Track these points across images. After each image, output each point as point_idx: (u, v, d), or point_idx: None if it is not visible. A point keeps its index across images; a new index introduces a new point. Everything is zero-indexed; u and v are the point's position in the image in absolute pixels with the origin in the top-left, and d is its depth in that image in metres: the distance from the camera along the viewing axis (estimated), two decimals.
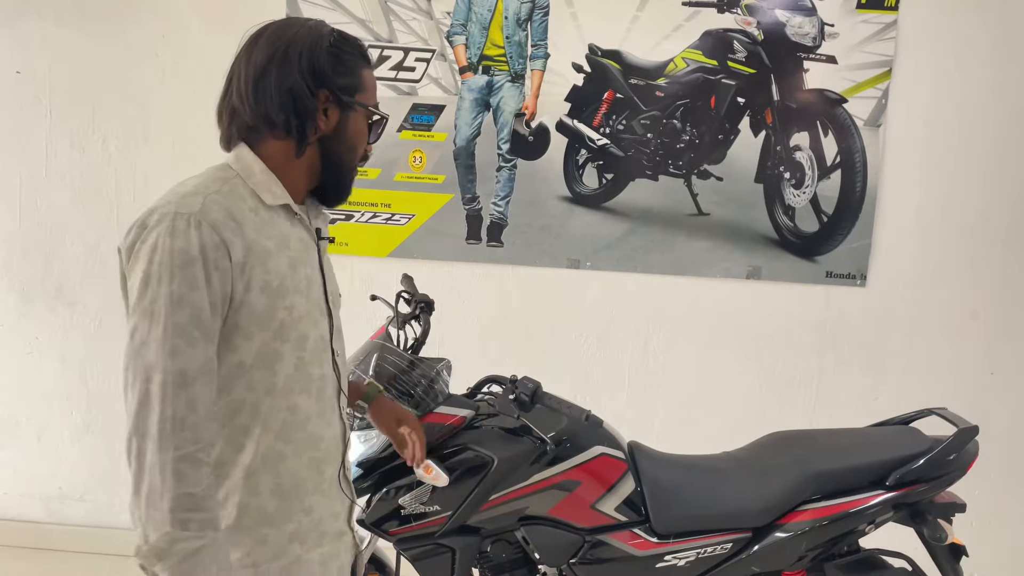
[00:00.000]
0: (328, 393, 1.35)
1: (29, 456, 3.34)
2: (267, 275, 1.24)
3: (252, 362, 1.24)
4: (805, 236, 3.05)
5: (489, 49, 3.04)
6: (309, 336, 1.30)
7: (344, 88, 1.31)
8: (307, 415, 1.30)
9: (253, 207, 1.26)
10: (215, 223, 1.19)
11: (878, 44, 2.97)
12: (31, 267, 3.24)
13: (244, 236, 1.22)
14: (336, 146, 1.34)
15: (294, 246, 1.30)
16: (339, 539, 1.38)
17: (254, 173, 1.29)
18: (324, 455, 1.33)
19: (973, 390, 3.07)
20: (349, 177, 1.39)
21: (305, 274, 1.31)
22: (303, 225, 1.35)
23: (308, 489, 1.31)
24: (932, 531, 1.99)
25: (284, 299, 1.26)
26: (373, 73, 1.38)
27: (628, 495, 2.02)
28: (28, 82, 3.17)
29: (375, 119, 1.38)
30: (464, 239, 3.13)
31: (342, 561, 1.39)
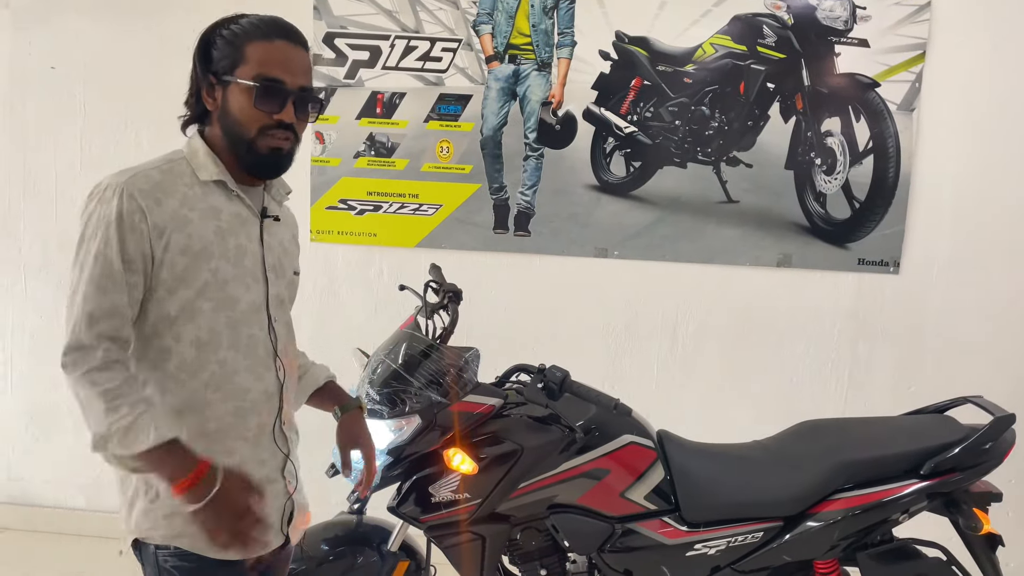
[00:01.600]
0: (260, 353, 1.49)
1: (68, 445, 3.40)
2: (188, 240, 1.40)
3: (176, 315, 1.41)
4: (837, 223, 3.01)
5: (515, 38, 3.03)
6: (240, 299, 1.46)
7: (224, 67, 1.43)
8: (235, 368, 1.45)
9: (188, 183, 1.44)
10: (136, 192, 1.37)
11: (911, 27, 2.91)
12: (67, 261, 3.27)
13: (166, 205, 1.39)
14: (226, 122, 1.45)
15: (225, 218, 1.46)
16: (267, 484, 1.49)
17: (197, 154, 1.47)
18: (250, 406, 1.47)
19: (1009, 378, 3.01)
20: (256, 148, 1.44)
21: (236, 243, 1.46)
22: (243, 202, 1.49)
23: (231, 435, 1.45)
24: (967, 521, 1.97)
25: (208, 262, 1.42)
26: (275, 45, 1.43)
27: (658, 484, 2.01)
28: (63, 77, 3.22)
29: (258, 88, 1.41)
30: (491, 229, 3.13)
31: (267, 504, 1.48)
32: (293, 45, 1.46)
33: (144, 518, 1.44)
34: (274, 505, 1.52)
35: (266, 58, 1.42)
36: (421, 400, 1.94)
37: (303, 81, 1.46)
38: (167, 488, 1.35)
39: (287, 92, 1.43)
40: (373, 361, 2.04)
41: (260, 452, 1.50)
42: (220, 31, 1.46)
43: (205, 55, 1.46)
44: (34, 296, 3.35)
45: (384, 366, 2.00)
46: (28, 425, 3.43)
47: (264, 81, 1.41)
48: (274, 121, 1.43)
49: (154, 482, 1.40)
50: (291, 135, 1.46)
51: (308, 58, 1.49)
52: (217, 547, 1.36)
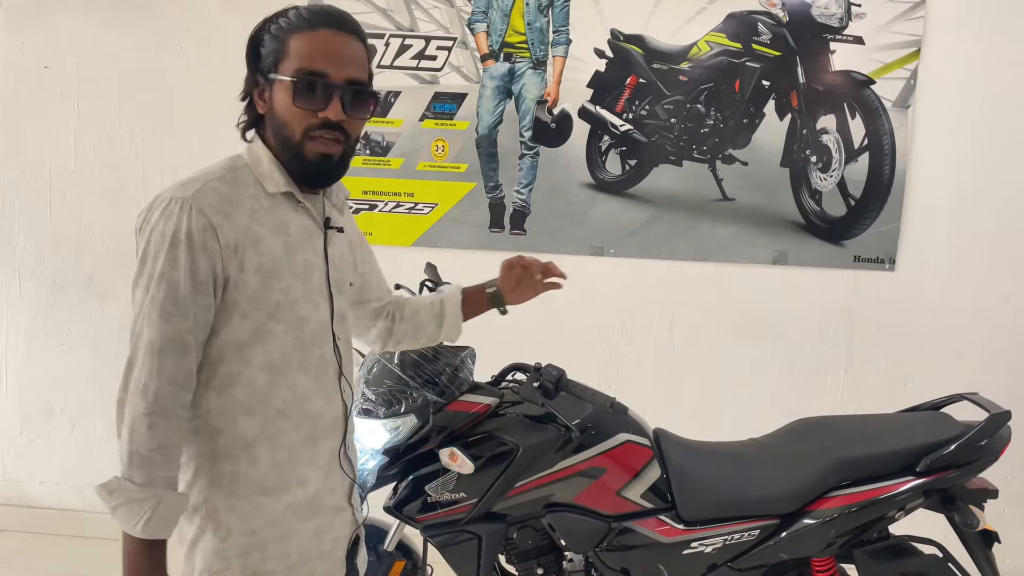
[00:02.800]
0: (329, 374, 1.39)
1: (64, 446, 3.40)
2: (260, 257, 1.29)
3: (247, 339, 1.30)
4: (832, 220, 3.01)
5: (510, 36, 3.03)
6: (309, 319, 1.36)
7: (269, 64, 1.32)
8: (306, 393, 1.36)
9: (254, 194, 1.32)
10: (205, 207, 1.26)
11: (906, 24, 2.91)
12: (62, 259, 3.30)
13: (236, 220, 1.28)
14: (274, 125, 1.34)
15: (293, 232, 1.35)
16: (335, 514, 1.43)
17: (261, 163, 1.35)
18: (321, 432, 1.38)
19: (1005, 375, 3.02)
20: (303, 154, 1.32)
21: (304, 259, 1.35)
22: (309, 214, 1.38)
23: (304, 463, 1.36)
24: (964, 517, 1.96)
25: (279, 281, 1.31)
26: (318, 33, 1.29)
27: (654, 482, 2.01)
28: (56, 77, 3.21)
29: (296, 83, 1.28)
30: (487, 227, 3.13)
31: (337, 534, 1.44)
32: (341, 33, 1.31)
33: (216, 558, 1.32)
34: (341, 536, 1.45)
35: (308, 49, 1.28)
36: (417, 399, 1.94)
37: (353, 73, 1.30)
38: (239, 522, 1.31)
39: (331, 86, 1.28)
40: (369, 360, 2.03)
41: (331, 480, 1.41)
42: (268, 27, 1.33)
43: (254, 54, 1.34)
44: (28, 296, 3.34)
45: (380, 365, 1.99)
46: (23, 426, 3.42)
47: (304, 75, 1.28)
48: (319, 120, 1.29)
49: (224, 518, 1.32)
50: (340, 136, 1.32)
51: (362, 48, 1.34)
52: None
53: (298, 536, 1.37)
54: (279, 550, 1.35)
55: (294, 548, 1.36)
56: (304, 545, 1.37)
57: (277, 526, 1.34)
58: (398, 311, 1.76)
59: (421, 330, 1.77)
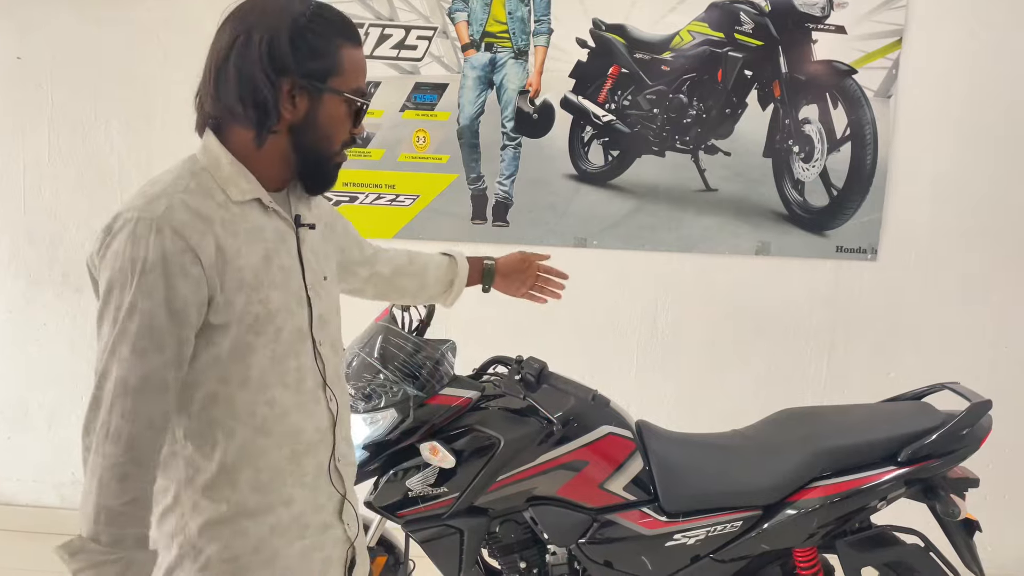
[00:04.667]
0: (308, 385, 1.30)
1: (40, 442, 3.36)
2: (240, 272, 1.20)
3: (226, 356, 1.21)
4: (815, 210, 3.01)
5: (491, 25, 3.00)
6: (284, 328, 1.26)
7: (314, 73, 1.21)
8: (285, 408, 1.27)
9: (222, 202, 1.21)
10: (179, 227, 1.15)
11: (888, 13, 2.91)
12: (37, 254, 3.25)
13: (214, 235, 1.18)
14: (309, 135, 1.25)
15: (269, 237, 1.26)
16: (324, 532, 1.35)
17: (221, 166, 1.23)
18: (305, 448, 1.30)
19: (986, 364, 3.03)
20: (328, 165, 1.30)
21: (280, 266, 1.26)
22: (279, 215, 1.29)
23: (288, 482, 1.29)
24: (945, 506, 1.97)
25: (259, 292, 1.22)
26: (360, 51, 1.27)
27: (636, 474, 2.01)
28: (30, 68, 3.15)
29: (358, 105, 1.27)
30: (469, 219, 3.10)
31: (327, 554, 1.36)
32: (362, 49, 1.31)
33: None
34: (334, 556, 1.37)
35: (359, 68, 1.26)
36: (397, 393, 1.92)
37: None
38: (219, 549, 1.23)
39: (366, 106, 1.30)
40: (348, 354, 2.01)
41: (318, 496, 1.34)
42: (313, 24, 1.21)
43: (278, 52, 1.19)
44: (3, 291, 3.29)
45: (359, 359, 1.97)
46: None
47: (363, 96, 1.27)
48: (351, 136, 1.30)
49: (203, 545, 1.24)
50: None
51: None
52: None
53: (284, 559, 1.29)
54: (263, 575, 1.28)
55: (279, 572, 1.29)
56: (291, 568, 1.30)
57: (261, 551, 1.27)
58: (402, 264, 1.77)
59: (424, 289, 1.80)
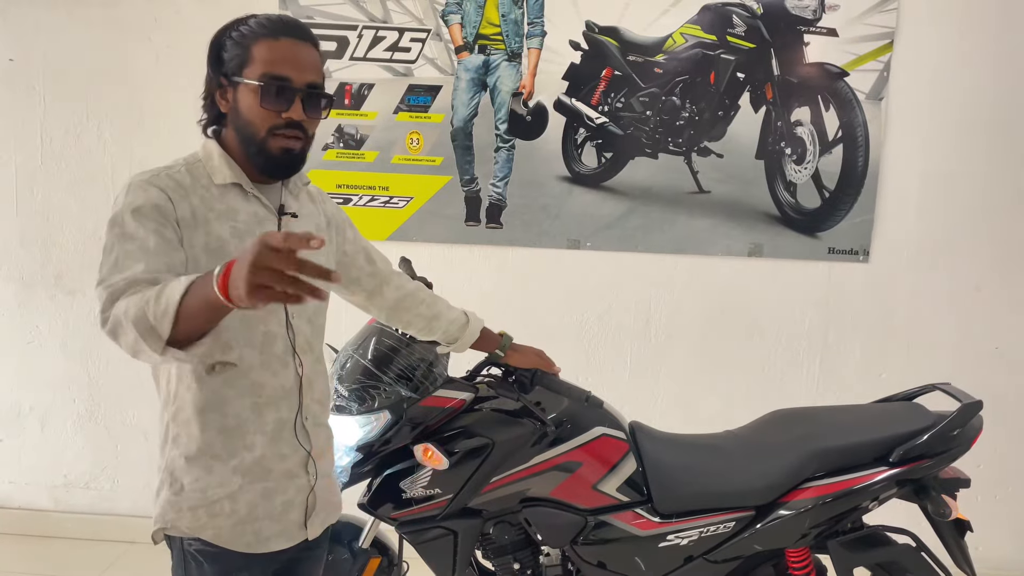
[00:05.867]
0: (276, 349, 1.49)
1: (34, 445, 3.34)
2: (207, 237, 1.41)
3: None
4: (807, 212, 3.03)
5: (485, 28, 3.00)
6: None
7: (233, 68, 1.44)
8: (250, 365, 1.46)
9: (206, 184, 1.46)
10: (162, 186, 1.40)
11: (879, 16, 2.92)
12: (29, 256, 3.24)
13: (189, 202, 1.41)
14: (238, 123, 1.46)
15: (242, 219, 1.46)
16: (288, 479, 1.52)
17: (212, 157, 1.48)
18: (266, 401, 1.48)
19: (977, 365, 3.05)
20: (264, 148, 1.44)
21: None
22: (260, 202, 1.50)
23: (249, 430, 1.47)
24: (936, 507, 1.98)
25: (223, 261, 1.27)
26: (280, 42, 1.43)
27: (630, 475, 2.01)
28: (21, 70, 3.14)
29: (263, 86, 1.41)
30: (463, 221, 3.11)
31: (289, 498, 1.53)
32: (300, 42, 1.45)
33: (169, 508, 1.48)
34: (296, 501, 1.55)
35: (272, 56, 1.42)
36: (391, 395, 1.92)
37: (311, 78, 1.45)
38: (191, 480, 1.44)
39: (294, 89, 1.43)
40: (342, 356, 2.01)
41: (281, 447, 1.51)
42: (230, 33, 1.46)
43: (216, 58, 1.47)
44: None
45: (353, 361, 1.97)
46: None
47: (270, 79, 1.41)
48: (283, 120, 1.43)
49: (179, 475, 1.46)
50: (301, 134, 1.46)
51: (317, 55, 1.48)
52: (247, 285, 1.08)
53: (246, 496, 1.48)
54: (226, 508, 1.47)
55: (242, 507, 1.48)
56: (251, 505, 1.48)
57: (225, 486, 1.47)
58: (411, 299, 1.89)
59: (429, 334, 1.93)
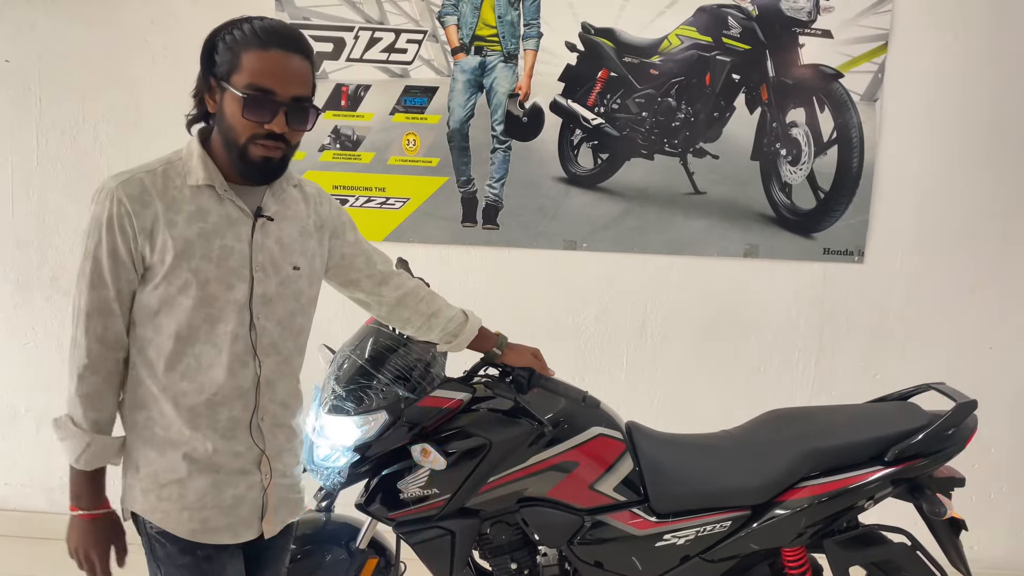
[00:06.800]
0: (237, 348, 1.53)
1: (29, 447, 3.34)
2: (172, 240, 1.46)
3: (157, 308, 1.49)
4: (802, 213, 3.04)
5: (481, 29, 3.01)
6: (219, 297, 1.50)
7: (222, 72, 1.45)
8: (209, 363, 1.52)
9: (179, 185, 1.49)
10: (125, 196, 1.45)
11: (874, 17, 2.94)
12: (25, 257, 3.23)
13: (153, 207, 1.46)
14: (221, 126, 1.48)
15: (212, 220, 1.49)
16: (239, 476, 1.57)
17: (192, 156, 1.51)
18: (221, 399, 1.53)
19: (972, 364, 3.07)
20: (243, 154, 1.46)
21: (221, 244, 1.50)
22: (235, 204, 1.52)
23: (203, 425, 1.53)
24: (931, 506, 1.99)
25: (190, 262, 1.47)
26: (270, 54, 1.43)
27: (627, 475, 2.01)
28: (17, 71, 3.14)
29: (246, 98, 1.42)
30: (460, 222, 3.11)
31: (240, 493, 1.58)
32: (290, 53, 1.44)
33: (128, 491, 1.57)
34: (248, 497, 1.59)
35: (259, 67, 1.42)
36: (388, 396, 1.92)
37: (297, 91, 1.45)
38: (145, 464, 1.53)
39: (277, 103, 1.43)
40: (339, 357, 2.01)
41: (234, 445, 1.55)
42: (224, 35, 1.46)
43: (208, 58, 1.47)
44: None
45: (350, 362, 1.97)
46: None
47: (254, 91, 1.41)
48: (264, 131, 1.44)
49: (135, 457, 1.55)
50: (282, 144, 1.47)
51: (307, 66, 1.48)
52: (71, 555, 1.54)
53: (194, 483, 1.53)
54: (174, 492, 1.53)
55: (190, 494, 1.53)
56: (200, 493, 1.54)
57: (174, 471, 1.53)
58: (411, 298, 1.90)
59: (428, 332, 1.93)
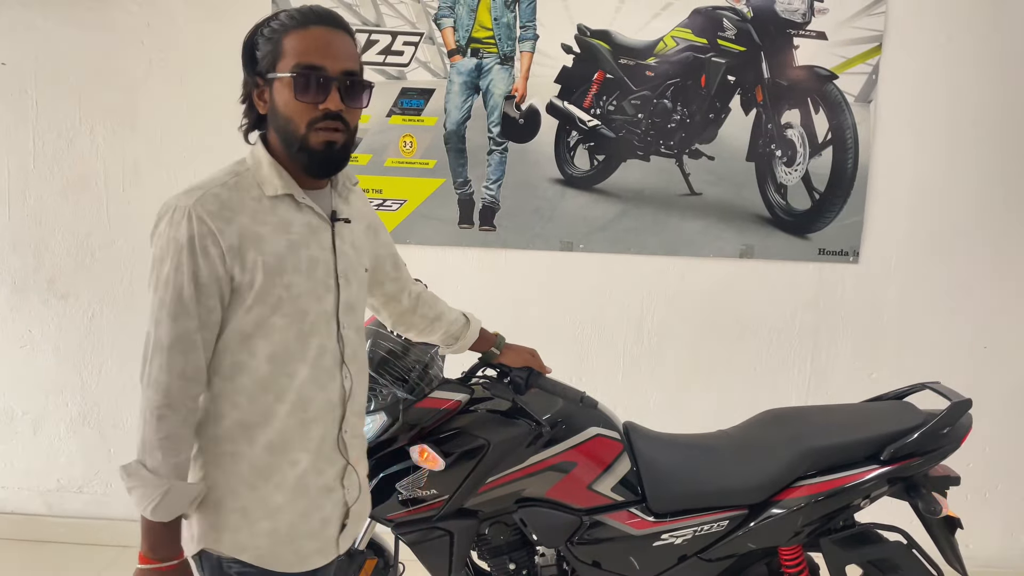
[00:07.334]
0: (326, 362, 1.45)
1: (26, 449, 3.33)
2: (262, 256, 1.37)
3: (251, 331, 1.39)
4: (797, 214, 3.05)
5: (477, 31, 3.02)
6: (310, 311, 1.42)
7: (266, 65, 1.39)
8: (302, 381, 1.43)
9: (256, 196, 1.40)
10: (205, 214, 1.34)
11: (868, 19, 2.95)
12: (22, 260, 3.23)
13: (237, 223, 1.36)
14: (277, 123, 1.40)
15: (296, 230, 1.42)
16: (325, 495, 1.49)
17: (261, 166, 1.42)
18: (312, 416, 1.45)
19: (967, 364, 3.08)
20: (306, 145, 1.38)
21: (308, 255, 1.42)
22: (312, 211, 1.45)
23: (295, 446, 1.44)
24: (927, 504, 2.00)
25: (282, 277, 1.39)
26: (310, 31, 1.37)
27: (624, 475, 2.02)
28: (14, 74, 3.14)
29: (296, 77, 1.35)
30: (456, 223, 3.12)
31: (326, 515, 1.49)
32: (332, 30, 1.39)
33: (209, 530, 1.43)
34: (333, 516, 1.51)
35: (303, 46, 1.36)
36: (386, 397, 1.93)
37: (347, 65, 1.38)
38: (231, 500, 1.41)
39: (329, 79, 1.36)
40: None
41: (320, 462, 1.47)
42: (261, 30, 1.41)
43: (250, 57, 1.41)
44: None
45: None
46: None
47: (304, 70, 1.35)
48: (320, 112, 1.36)
49: (219, 495, 1.42)
50: (341, 125, 1.39)
51: (352, 42, 1.42)
52: None
53: (286, 515, 1.44)
54: (267, 527, 1.43)
55: (282, 526, 1.44)
56: (291, 524, 1.45)
57: (265, 505, 1.43)
58: (421, 304, 1.87)
59: (430, 335, 1.91)
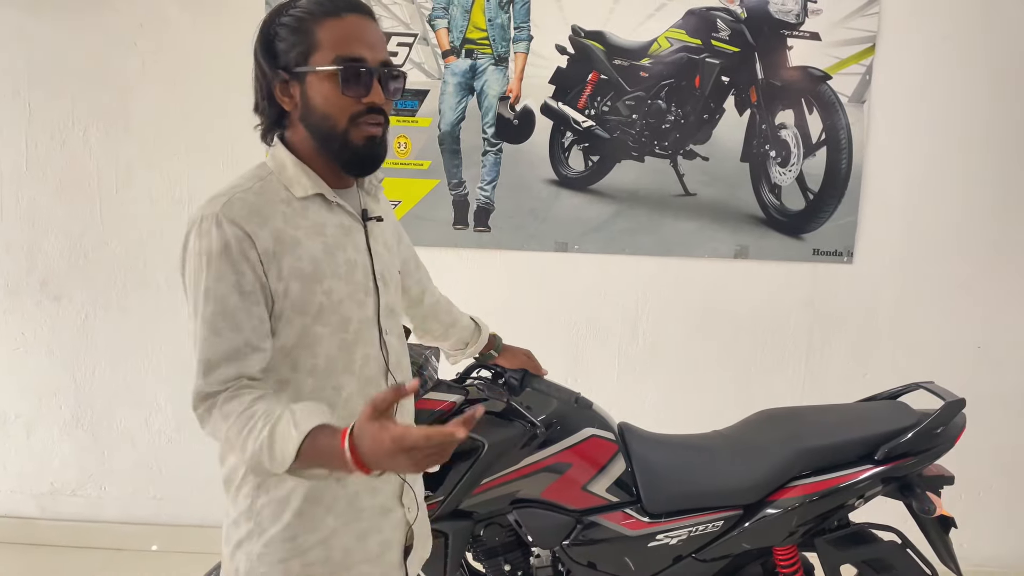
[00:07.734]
0: (371, 372, 1.37)
1: (19, 452, 3.32)
2: (299, 262, 1.27)
3: (293, 344, 1.29)
4: (792, 214, 3.06)
5: (471, 32, 3.02)
6: (352, 318, 1.34)
7: (295, 58, 1.28)
8: (349, 393, 1.34)
9: (286, 199, 1.30)
10: (235, 218, 1.24)
11: (861, 20, 2.96)
12: (15, 262, 3.22)
13: (270, 227, 1.26)
14: (312, 119, 1.30)
15: (331, 232, 1.32)
16: (383, 515, 1.41)
17: (286, 168, 1.32)
18: None
19: (960, 364, 3.09)
20: (347, 142, 1.29)
21: (346, 258, 1.34)
22: (344, 210, 1.36)
23: None
24: (921, 504, 2.01)
25: (321, 283, 1.29)
26: (346, 19, 1.27)
27: (619, 476, 2.02)
28: (6, 75, 3.13)
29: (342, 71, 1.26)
30: (451, 224, 3.12)
31: (386, 537, 1.41)
32: (365, 17, 1.29)
33: (258, 562, 1.33)
34: (394, 540, 1.43)
35: (342, 36, 1.26)
36: None
37: (384, 55, 1.30)
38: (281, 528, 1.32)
39: (371, 71, 1.27)
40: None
41: (371, 480, 1.36)
42: (279, 20, 1.29)
43: (269, 50, 1.29)
44: None
45: None
46: None
47: (347, 62, 1.25)
48: (363, 106, 1.27)
49: (266, 524, 1.32)
50: (382, 118, 1.30)
51: (381, 30, 1.33)
52: None
53: (340, 539, 1.36)
54: (320, 555, 1.34)
55: (337, 552, 1.35)
56: (347, 549, 1.36)
57: (318, 530, 1.34)
58: (440, 309, 1.89)
59: (443, 340, 1.92)
